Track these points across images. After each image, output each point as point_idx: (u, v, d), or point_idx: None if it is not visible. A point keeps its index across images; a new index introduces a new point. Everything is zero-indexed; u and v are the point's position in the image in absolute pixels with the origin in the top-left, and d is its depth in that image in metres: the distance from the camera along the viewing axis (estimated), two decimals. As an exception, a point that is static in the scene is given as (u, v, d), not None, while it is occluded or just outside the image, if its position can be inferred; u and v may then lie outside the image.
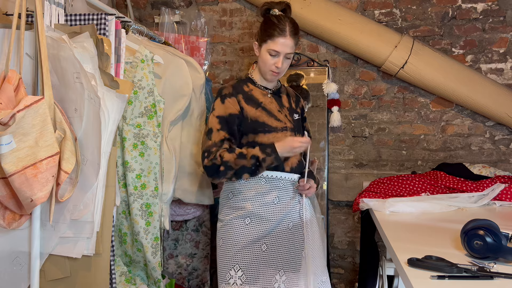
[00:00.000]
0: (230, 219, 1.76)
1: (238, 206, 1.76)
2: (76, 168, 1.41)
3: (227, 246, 1.73)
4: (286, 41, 1.73)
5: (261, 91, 1.85)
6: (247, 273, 1.69)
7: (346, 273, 2.96)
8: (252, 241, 1.72)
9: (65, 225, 1.50)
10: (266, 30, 1.76)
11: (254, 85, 1.86)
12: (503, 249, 1.25)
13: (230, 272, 1.70)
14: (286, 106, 1.88)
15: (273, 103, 1.84)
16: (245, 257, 1.71)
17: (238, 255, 1.71)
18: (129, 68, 1.88)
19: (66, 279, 1.56)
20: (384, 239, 1.71)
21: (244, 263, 1.70)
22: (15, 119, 1.25)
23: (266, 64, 1.78)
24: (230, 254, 1.72)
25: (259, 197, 1.75)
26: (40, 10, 1.40)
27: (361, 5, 2.83)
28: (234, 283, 1.69)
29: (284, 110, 1.86)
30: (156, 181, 1.88)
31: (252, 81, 1.87)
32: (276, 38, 1.73)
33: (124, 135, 1.85)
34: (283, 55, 1.75)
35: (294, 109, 1.91)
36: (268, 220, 1.74)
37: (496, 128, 2.72)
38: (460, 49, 2.73)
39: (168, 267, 2.57)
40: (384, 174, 2.82)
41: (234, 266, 1.70)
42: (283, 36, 1.73)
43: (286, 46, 1.74)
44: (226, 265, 1.72)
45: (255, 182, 1.75)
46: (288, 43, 1.74)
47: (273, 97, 1.86)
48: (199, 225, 2.60)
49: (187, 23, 2.96)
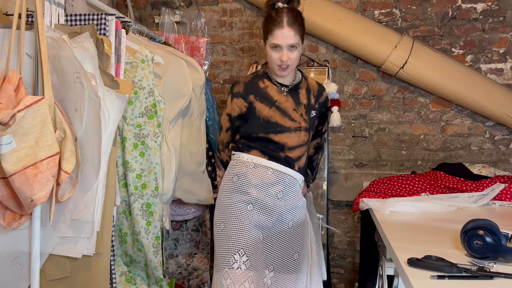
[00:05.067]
0: (233, 202, 1.70)
1: (243, 190, 1.70)
2: (76, 168, 1.41)
3: (230, 229, 1.66)
4: (284, 32, 1.67)
5: (276, 88, 1.79)
6: (251, 259, 1.62)
7: (346, 273, 2.96)
8: (254, 226, 1.68)
9: (65, 225, 1.50)
10: (266, 26, 1.72)
11: (270, 81, 1.80)
12: (503, 249, 1.25)
13: (235, 257, 1.61)
14: (303, 103, 1.81)
15: (289, 101, 1.78)
16: (249, 242, 1.64)
17: (243, 239, 1.64)
18: (129, 68, 1.88)
19: (66, 279, 1.56)
20: (384, 239, 1.71)
21: (248, 248, 1.63)
22: (16, 119, 1.25)
23: (271, 60, 1.73)
24: (235, 238, 1.64)
25: (264, 187, 1.72)
26: (40, 10, 1.40)
27: (361, 5, 2.83)
28: (239, 267, 1.59)
29: (301, 108, 1.79)
30: (157, 181, 1.88)
31: (268, 77, 1.81)
32: (274, 31, 1.68)
33: (124, 135, 1.85)
34: (285, 47, 1.68)
35: (312, 105, 1.84)
36: (270, 211, 1.71)
37: (496, 128, 2.72)
38: (460, 49, 2.73)
39: (168, 267, 2.57)
40: (384, 174, 2.82)
41: (239, 250, 1.62)
42: (280, 27, 1.67)
43: (285, 37, 1.67)
44: (230, 249, 1.63)
45: (263, 171, 1.73)
46: (286, 34, 1.67)
47: (290, 94, 1.79)
48: (199, 225, 2.60)
49: (187, 23, 2.96)
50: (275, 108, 1.76)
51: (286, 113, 1.76)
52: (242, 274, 1.58)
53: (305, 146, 1.80)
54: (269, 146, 1.76)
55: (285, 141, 1.74)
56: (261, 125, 1.74)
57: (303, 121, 1.79)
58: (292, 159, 1.77)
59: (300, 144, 1.78)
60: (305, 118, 1.80)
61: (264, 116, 1.74)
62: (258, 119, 1.75)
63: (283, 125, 1.75)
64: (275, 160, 1.74)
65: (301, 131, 1.77)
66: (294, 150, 1.77)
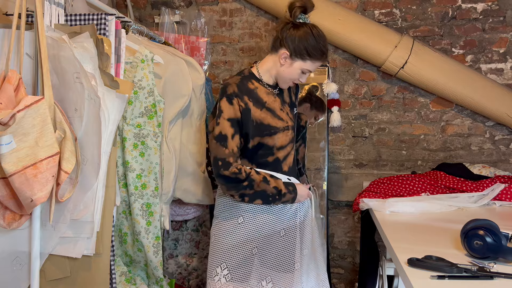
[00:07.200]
0: (224, 217, 1.73)
1: (233, 203, 1.72)
2: (76, 168, 1.41)
3: (216, 244, 1.72)
4: (320, 64, 1.71)
5: (265, 90, 1.75)
6: (233, 273, 1.68)
7: (346, 273, 2.96)
8: (243, 241, 1.69)
9: (65, 225, 1.50)
10: (308, 49, 1.64)
11: (259, 83, 1.75)
12: (503, 249, 1.25)
13: (217, 269, 1.69)
14: (287, 102, 1.81)
15: (276, 101, 1.76)
16: (233, 257, 1.69)
17: (226, 254, 1.69)
18: (129, 68, 1.88)
19: (66, 279, 1.56)
20: (384, 239, 1.71)
21: (231, 262, 1.68)
22: (15, 119, 1.25)
23: (292, 78, 1.72)
24: (218, 252, 1.70)
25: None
26: (40, 10, 1.40)
27: (361, 5, 2.83)
28: (219, 280, 1.67)
29: (286, 107, 1.79)
30: (157, 181, 1.88)
31: (256, 78, 1.75)
32: (316, 61, 1.68)
33: (124, 135, 1.85)
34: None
35: (294, 103, 1.85)
36: (261, 221, 1.70)
37: (496, 128, 2.72)
38: (460, 49, 2.73)
39: (168, 267, 2.57)
40: (384, 174, 2.82)
41: (221, 264, 1.69)
42: (323, 60, 1.69)
43: (316, 67, 1.72)
44: (213, 262, 1.71)
45: None
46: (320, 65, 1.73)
47: (277, 95, 1.78)
48: (199, 225, 2.61)
49: (187, 23, 2.96)
50: (265, 109, 1.71)
51: (275, 113, 1.73)
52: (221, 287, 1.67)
53: (291, 144, 1.77)
54: (259, 152, 1.72)
55: (275, 142, 1.71)
56: (256, 128, 1.68)
57: (289, 120, 1.76)
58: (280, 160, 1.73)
59: (287, 143, 1.75)
60: (291, 116, 1.78)
61: (257, 118, 1.68)
62: (252, 122, 1.67)
63: (275, 126, 1.71)
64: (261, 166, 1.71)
65: (289, 130, 1.75)
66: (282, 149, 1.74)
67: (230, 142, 1.62)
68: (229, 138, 1.62)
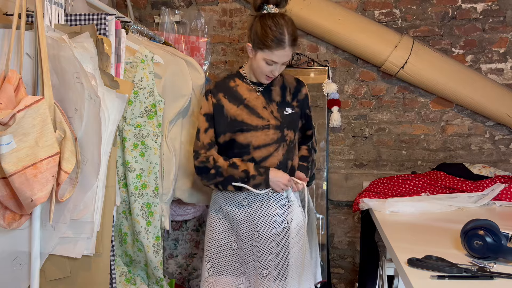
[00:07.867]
0: (210, 211, 1.85)
1: (215, 200, 1.83)
2: (76, 168, 1.41)
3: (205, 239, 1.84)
4: (284, 53, 1.64)
5: (247, 87, 1.77)
6: (214, 266, 1.76)
7: (346, 273, 2.96)
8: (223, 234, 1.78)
9: (65, 225, 1.50)
10: (263, 39, 1.62)
11: (242, 80, 1.78)
12: (503, 249, 1.25)
13: (205, 265, 1.79)
14: (276, 100, 1.77)
15: (259, 99, 1.75)
16: (212, 250, 1.77)
17: (208, 248, 1.79)
18: (129, 68, 1.88)
19: (66, 279, 1.56)
20: (384, 239, 1.71)
21: (212, 255, 1.77)
22: (15, 119, 1.25)
23: (261, 70, 1.69)
24: (205, 247, 1.82)
25: (228, 195, 1.77)
26: (40, 10, 1.40)
27: (361, 5, 2.83)
28: (204, 274, 1.78)
29: (272, 105, 1.76)
30: (157, 181, 1.88)
31: (241, 76, 1.80)
32: (275, 51, 1.62)
33: (124, 135, 1.85)
34: (280, 63, 1.67)
35: (288, 103, 1.79)
36: (236, 220, 1.75)
37: (496, 128, 2.72)
38: (460, 49, 2.73)
39: (168, 267, 2.57)
40: (384, 174, 2.82)
41: (205, 258, 1.79)
42: (282, 48, 1.62)
43: (284, 57, 1.65)
44: (203, 257, 1.82)
45: None
46: (286, 54, 1.64)
47: (261, 93, 1.77)
48: (199, 225, 2.60)
49: (187, 23, 2.96)
50: (243, 106, 1.74)
51: (254, 111, 1.73)
52: (205, 280, 1.78)
53: (274, 145, 1.72)
54: (235, 150, 1.73)
55: (250, 140, 1.71)
56: (228, 124, 1.71)
57: (272, 118, 1.74)
58: (257, 161, 1.71)
59: (268, 143, 1.72)
60: (276, 115, 1.75)
61: (231, 115, 1.73)
62: (226, 118, 1.73)
63: (249, 123, 1.71)
64: None
65: (269, 129, 1.72)
66: (260, 149, 1.72)
67: (202, 135, 1.76)
68: (201, 131, 1.77)
